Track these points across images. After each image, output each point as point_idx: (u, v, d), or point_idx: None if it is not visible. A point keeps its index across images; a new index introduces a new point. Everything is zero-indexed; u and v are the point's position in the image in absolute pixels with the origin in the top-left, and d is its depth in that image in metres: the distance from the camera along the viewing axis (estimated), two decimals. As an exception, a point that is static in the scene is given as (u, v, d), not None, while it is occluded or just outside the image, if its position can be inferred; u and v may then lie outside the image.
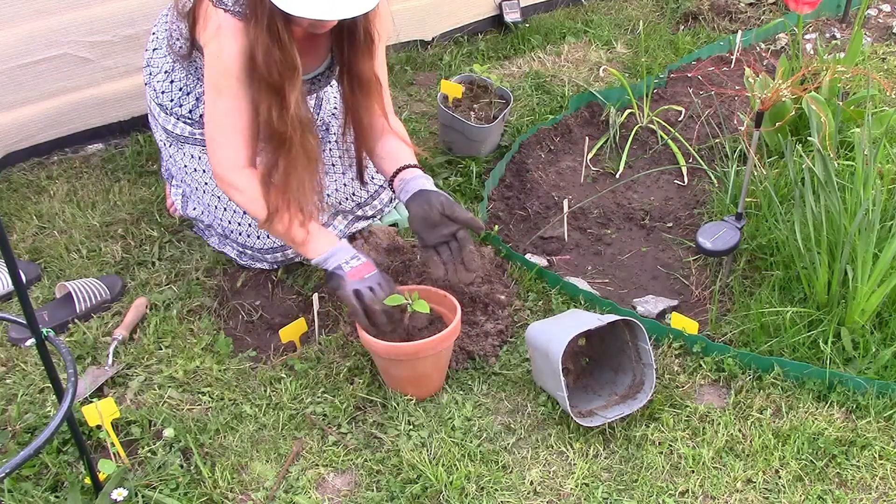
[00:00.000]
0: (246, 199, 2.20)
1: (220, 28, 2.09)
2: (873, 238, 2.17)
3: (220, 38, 2.09)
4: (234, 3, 2.08)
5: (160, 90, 2.48)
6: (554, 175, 2.99)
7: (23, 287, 1.59)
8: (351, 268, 2.15)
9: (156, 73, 2.50)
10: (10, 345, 2.39)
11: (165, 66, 2.47)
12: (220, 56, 2.10)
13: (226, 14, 2.08)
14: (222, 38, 2.09)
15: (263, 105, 2.11)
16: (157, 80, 2.49)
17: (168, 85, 2.46)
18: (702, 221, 2.73)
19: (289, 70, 2.07)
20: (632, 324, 2.13)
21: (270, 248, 2.49)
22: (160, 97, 2.49)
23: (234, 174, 2.19)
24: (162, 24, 2.53)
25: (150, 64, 2.53)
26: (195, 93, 2.44)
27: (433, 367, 2.17)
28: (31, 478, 2.00)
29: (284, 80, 2.07)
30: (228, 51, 2.09)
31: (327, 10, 1.94)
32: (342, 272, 2.15)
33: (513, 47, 3.70)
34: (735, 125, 3.14)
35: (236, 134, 2.16)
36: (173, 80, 2.45)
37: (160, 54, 2.50)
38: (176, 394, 2.22)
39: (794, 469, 2.00)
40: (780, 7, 3.86)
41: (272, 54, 2.04)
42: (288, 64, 2.06)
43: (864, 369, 2.18)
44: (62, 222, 2.79)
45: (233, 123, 2.15)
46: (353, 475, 2.04)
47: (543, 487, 2.00)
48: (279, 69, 2.06)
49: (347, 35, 2.20)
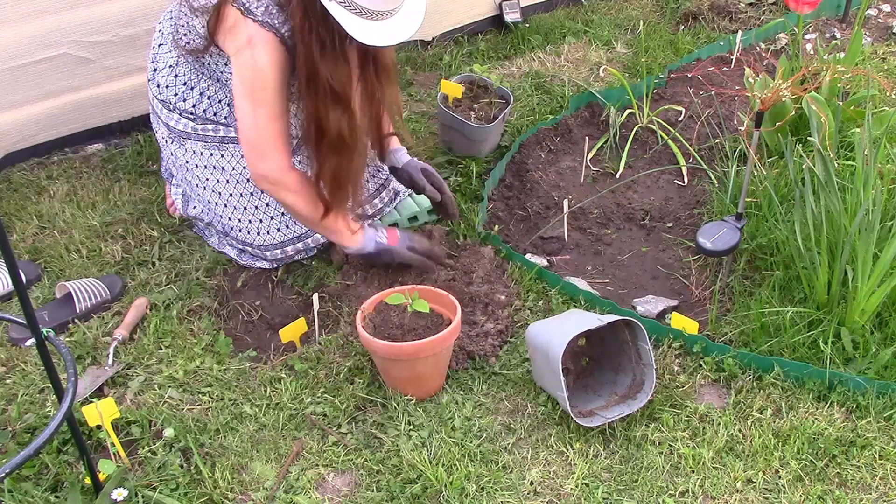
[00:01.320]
0: (298, 199, 2.32)
1: (252, 40, 2.13)
2: (873, 238, 2.17)
3: (253, 49, 2.14)
4: (264, 13, 2.12)
5: (164, 84, 2.49)
6: (554, 175, 2.99)
7: (23, 287, 1.59)
8: (386, 238, 2.42)
9: (160, 69, 2.51)
10: (10, 345, 2.39)
11: (170, 60, 2.48)
12: (256, 68, 2.15)
13: (255, 25, 2.12)
14: (256, 51, 2.14)
15: (333, 121, 2.19)
16: (161, 74, 2.50)
17: (172, 79, 2.47)
18: (702, 221, 2.73)
19: (349, 80, 2.19)
20: (632, 324, 2.13)
21: (270, 244, 2.50)
22: (164, 92, 2.49)
23: (286, 176, 2.29)
24: (167, 20, 2.54)
25: (155, 60, 2.54)
26: (199, 87, 2.44)
27: (433, 367, 2.17)
28: (31, 478, 2.00)
29: (349, 90, 2.18)
30: (263, 63, 2.14)
31: (394, 36, 2.07)
32: (385, 245, 2.42)
33: (513, 47, 3.70)
34: (735, 125, 3.14)
35: (280, 140, 2.26)
36: (177, 74, 2.46)
37: (165, 50, 2.51)
38: (176, 394, 2.22)
39: (794, 469, 2.00)
40: (780, 7, 3.86)
41: (340, 70, 2.14)
42: (349, 77, 2.18)
43: (864, 369, 2.18)
44: (62, 222, 2.79)
45: (277, 131, 2.25)
46: (353, 475, 2.04)
47: (543, 487, 2.00)
48: (346, 84, 2.16)
49: None
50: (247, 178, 2.49)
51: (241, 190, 2.50)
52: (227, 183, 2.50)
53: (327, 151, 2.25)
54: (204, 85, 2.44)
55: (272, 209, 2.51)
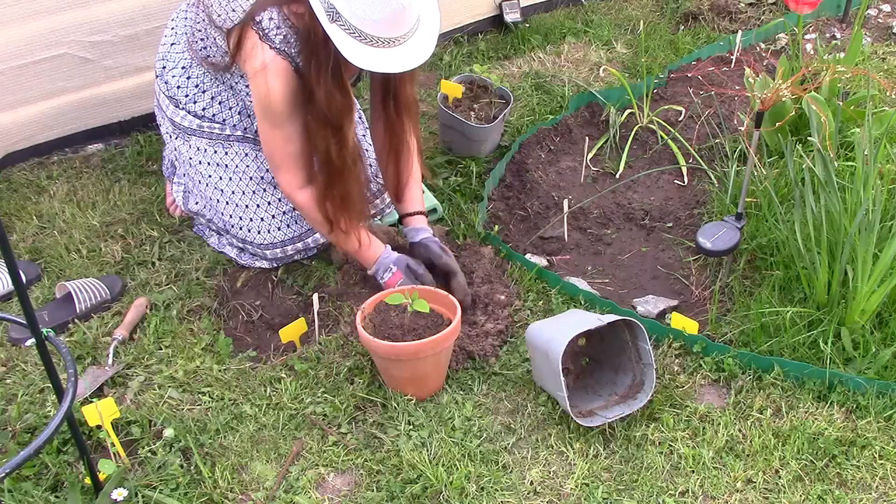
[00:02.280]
0: (306, 216, 2.41)
1: (267, 67, 2.17)
2: (873, 238, 2.17)
3: (266, 76, 2.17)
4: (282, 41, 2.15)
5: (175, 84, 2.50)
6: (554, 175, 2.99)
7: (23, 287, 1.59)
8: (384, 281, 2.41)
9: (171, 68, 2.52)
10: (10, 345, 2.39)
11: (183, 61, 2.49)
12: (269, 95, 2.19)
13: (272, 51, 2.16)
14: (269, 78, 2.17)
15: (321, 140, 2.23)
16: (172, 74, 2.51)
17: (185, 81, 2.48)
18: (702, 221, 2.73)
19: (347, 109, 2.20)
20: (632, 324, 2.13)
21: (270, 243, 2.50)
22: (174, 91, 2.50)
23: (294, 194, 2.36)
24: (182, 20, 2.54)
25: (166, 58, 2.54)
26: (211, 92, 2.46)
27: (433, 367, 2.17)
28: (31, 478, 2.00)
29: (343, 118, 2.20)
30: (276, 90, 2.18)
31: (391, 63, 2.06)
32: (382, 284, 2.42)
33: (513, 47, 3.69)
34: (735, 125, 3.14)
35: (291, 161, 2.31)
36: (190, 76, 2.48)
37: (178, 49, 2.52)
38: (176, 394, 2.22)
39: (794, 469, 2.00)
40: (780, 7, 3.86)
41: (335, 98, 2.15)
42: (348, 103, 2.20)
43: (864, 369, 2.18)
44: (62, 222, 2.79)
45: (289, 153, 2.30)
46: (353, 475, 2.04)
47: (543, 487, 2.00)
48: (339, 110, 2.17)
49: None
50: (249, 176, 2.49)
51: (244, 188, 2.50)
52: (229, 180, 2.50)
53: (322, 174, 2.30)
54: (216, 90, 2.47)
55: (273, 208, 2.51)
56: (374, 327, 2.18)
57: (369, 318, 2.20)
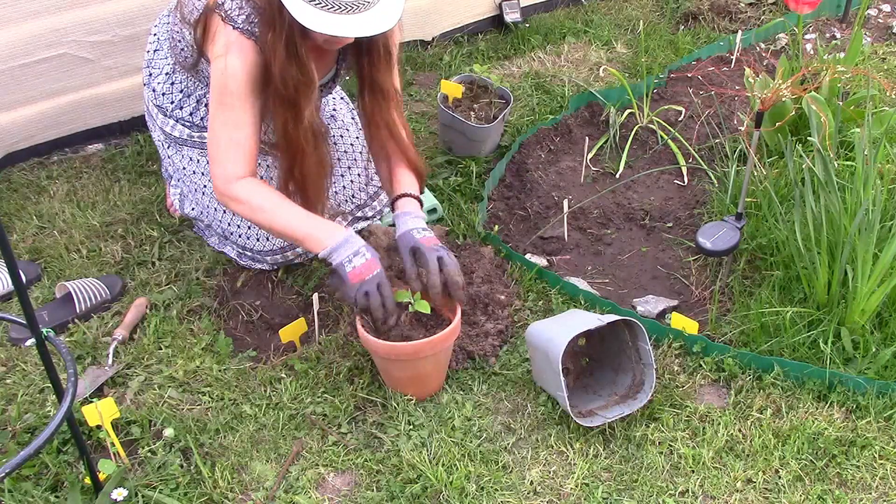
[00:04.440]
0: (247, 210, 2.15)
1: (229, 46, 2.11)
2: (873, 238, 2.17)
3: (227, 55, 2.11)
4: (244, 21, 2.10)
5: (160, 92, 2.48)
6: (554, 175, 2.99)
7: (23, 287, 1.59)
8: (353, 267, 2.04)
9: (156, 75, 2.50)
10: (10, 345, 2.39)
11: (166, 67, 2.47)
12: (226, 73, 2.11)
13: (235, 31, 2.10)
14: (230, 56, 2.10)
15: (279, 118, 2.15)
16: (158, 81, 2.49)
17: (169, 87, 2.46)
18: (702, 221, 2.73)
19: (304, 85, 2.10)
20: (632, 324, 2.13)
21: (270, 249, 2.49)
22: (160, 99, 2.48)
23: (231, 186, 2.15)
24: (163, 25, 2.53)
25: (151, 65, 2.53)
26: (196, 95, 2.44)
27: (433, 367, 2.17)
28: (31, 478, 2.00)
29: (300, 95, 2.11)
30: (233, 68, 2.10)
31: (347, 28, 1.96)
32: (344, 272, 2.05)
33: (513, 47, 3.69)
34: (735, 125, 3.14)
35: (234, 148, 2.15)
36: (174, 81, 2.45)
37: (161, 56, 2.50)
38: (176, 394, 2.23)
39: (794, 469, 2.00)
40: (780, 7, 3.86)
41: (289, 69, 2.06)
42: (304, 79, 2.09)
43: (864, 369, 2.18)
44: (62, 222, 2.79)
45: (230, 137, 2.14)
46: (353, 475, 2.04)
47: (543, 487, 2.00)
48: (295, 84, 2.09)
49: (367, 51, 2.22)
50: None
51: None
52: None
53: (282, 157, 2.22)
54: (200, 92, 2.43)
55: None
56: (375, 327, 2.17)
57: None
